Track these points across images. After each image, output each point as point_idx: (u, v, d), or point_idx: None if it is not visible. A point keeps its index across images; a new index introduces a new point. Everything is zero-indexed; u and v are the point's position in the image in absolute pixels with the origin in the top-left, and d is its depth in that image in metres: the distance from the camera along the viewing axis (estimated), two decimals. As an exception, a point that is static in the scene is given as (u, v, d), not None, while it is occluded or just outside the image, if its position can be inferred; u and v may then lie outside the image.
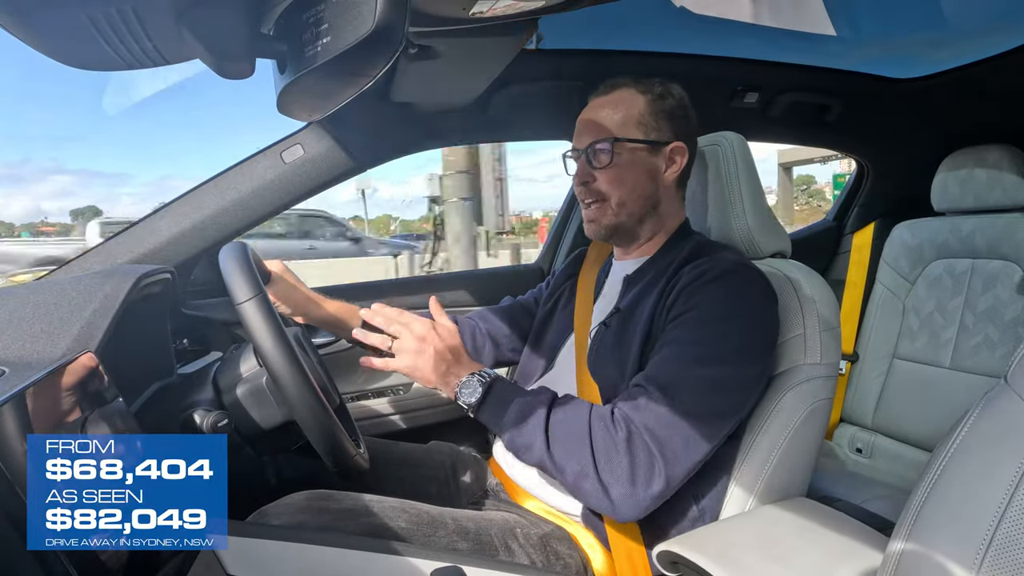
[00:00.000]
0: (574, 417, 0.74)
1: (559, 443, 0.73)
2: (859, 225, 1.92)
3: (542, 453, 0.73)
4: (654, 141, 0.89)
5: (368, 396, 1.45)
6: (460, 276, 1.66)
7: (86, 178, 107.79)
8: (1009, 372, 0.59)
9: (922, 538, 0.59)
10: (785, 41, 1.35)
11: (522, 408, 0.76)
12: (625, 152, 0.88)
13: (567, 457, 0.72)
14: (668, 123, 0.89)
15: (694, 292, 0.78)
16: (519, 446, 0.76)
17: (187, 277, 1.24)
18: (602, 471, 0.70)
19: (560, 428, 0.74)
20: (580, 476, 0.71)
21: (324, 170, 1.22)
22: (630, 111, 0.89)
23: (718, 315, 0.77)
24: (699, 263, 0.82)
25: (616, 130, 0.88)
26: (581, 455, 0.71)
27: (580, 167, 0.91)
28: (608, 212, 0.90)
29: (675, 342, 0.76)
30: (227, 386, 0.83)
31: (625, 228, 0.91)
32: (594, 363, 0.87)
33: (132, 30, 0.56)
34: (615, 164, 0.88)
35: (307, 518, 0.73)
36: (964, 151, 1.52)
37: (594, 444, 0.71)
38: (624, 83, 0.91)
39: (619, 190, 0.89)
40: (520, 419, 0.75)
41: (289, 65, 0.63)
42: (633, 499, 0.69)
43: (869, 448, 1.62)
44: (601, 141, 0.88)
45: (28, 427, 0.52)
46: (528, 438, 0.74)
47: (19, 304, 0.67)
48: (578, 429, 0.73)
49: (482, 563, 0.73)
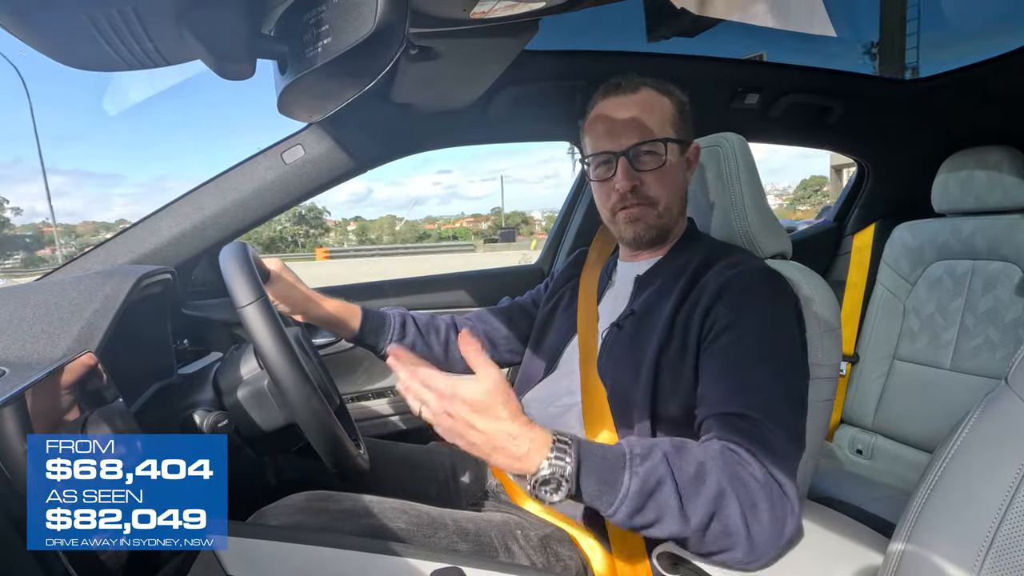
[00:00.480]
0: (700, 468, 0.63)
1: (691, 503, 0.61)
2: (860, 226, 1.92)
3: (677, 524, 0.61)
4: (684, 142, 0.89)
5: (368, 397, 1.45)
6: (459, 276, 1.66)
7: (79, 178, 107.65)
8: (1010, 373, 0.59)
9: (923, 539, 0.59)
10: (786, 42, 1.35)
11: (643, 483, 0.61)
12: (670, 154, 0.87)
13: (703, 515, 0.61)
14: (686, 124, 0.90)
15: (736, 303, 0.76)
16: (639, 524, 0.62)
17: (188, 277, 1.24)
18: (751, 524, 0.62)
19: (690, 487, 0.62)
20: (722, 534, 0.62)
21: (325, 171, 1.23)
22: (663, 112, 0.87)
23: (770, 327, 0.75)
24: (724, 267, 0.81)
25: (658, 131, 0.86)
26: (727, 511, 0.61)
27: (623, 171, 0.86)
28: (653, 215, 0.88)
29: (741, 359, 0.73)
30: (228, 388, 0.83)
31: (665, 231, 0.91)
32: (605, 365, 0.86)
33: (133, 30, 0.56)
34: (666, 166, 0.86)
35: (307, 519, 0.73)
36: (964, 152, 1.52)
37: (740, 500, 0.62)
38: (645, 83, 0.89)
39: (669, 193, 0.88)
40: (640, 498, 0.60)
41: (290, 66, 0.63)
42: (774, 544, 0.64)
43: (869, 449, 1.62)
44: (650, 142, 0.85)
45: (28, 427, 0.52)
46: (658, 511, 0.61)
47: (20, 304, 0.67)
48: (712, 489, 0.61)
49: (482, 564, 0.73)
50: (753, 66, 1.46)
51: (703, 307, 0.78)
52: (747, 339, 0.74)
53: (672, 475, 0.62)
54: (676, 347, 0.79)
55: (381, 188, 67.90)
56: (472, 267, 1.79)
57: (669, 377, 0.78)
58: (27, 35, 0.54)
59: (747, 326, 0.74)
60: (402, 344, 1.06)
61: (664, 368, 0.79)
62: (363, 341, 1.05)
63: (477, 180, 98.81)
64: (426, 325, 1.10)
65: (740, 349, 0.73)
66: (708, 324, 0.77)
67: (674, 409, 0.77)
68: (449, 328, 1.12)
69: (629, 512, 0.60)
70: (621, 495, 0.60)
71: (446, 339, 1.11)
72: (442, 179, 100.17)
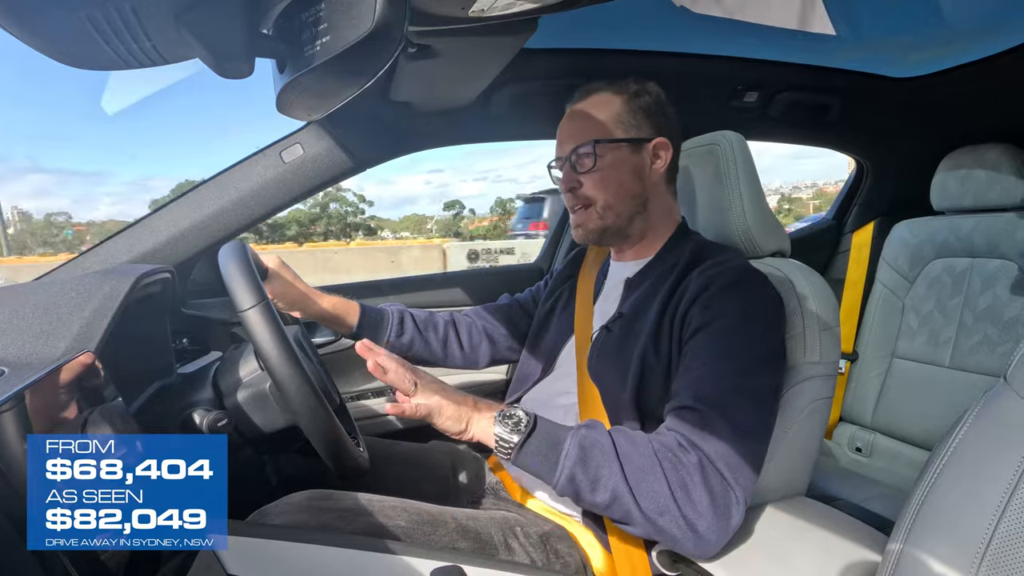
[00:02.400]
0: (638, 449, 0.69)
1: (631, 478, 0.67)
2: (859, 224, 1.92)
3: (615, 491, 0.67)
4: (635, 139, 0.88)
5: (368, 396, 1.46)
6: (458, 275, 1.66)
7: (64, 177, 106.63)
8: (1008, 371, 0.59)
9: (921, 537, 0.59)
10: (785, 40, 1.35)
11: (581, 443, 0.70)
12: (608, 153, 0.88)
13: (641, 493, 0.67)
14: (647, 120, 0.89)
15: (710, 302, 0.77)
16: (581, 483, 0.68)
17: (187, 276, 1.24)
18: (683, 506, 0.66)
19: (628, 463, 0.68)
20: (657, 512, 0.66)
21: (323, 169, 1.22)
22: (608, 112, 0.89)
23: (739, 324, 0.76)
24: (705, 267, 0.82)
25: (596, 132, 0.88)
26: (656, 490, 0.66)
27: (565, 174, 0.91)
28: (593, 216, 0.90)
29: (706, 355, 0.74)
30: (228, 389, 0.83)
31: (613, 230, 0.91)
32: (595, 367, 0.87)
33: (131, 29, 0.56)
34: (599, 167, 0.88)
35: (307, 517, 0.74)
36: (963, 150, 1.52)
37: (668, 477, 0.66)
38: (598, 87, 0.91)
39: (605, 192, 0.89)
40: (582, 455, 0.69)
41: (288, 64, 0.63)
42: (718, 531, 0.66)
43: (869, 447, 1.63)
44: (583, 145, 0.88)
45: (28, 427, 0.52)
46: (592, 475, 0.68)
47: (19, 304, 0.66)
48: (646, 462, 0.68)
49: (482, 562, 0.73)
50: (752, 64, 1.46)
51: (683, 310, 0.79)
52: (714, 336, 0.75)
53: (613, 443, 0.69)
54: (661, 350, 0.80)
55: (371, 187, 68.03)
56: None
57: (655, 380, 0.79)
58: (25, 34, 0.53)
59: (717, 325, 0.76)
60: (400, 340, 1.06)
61: (649, 371, 0.79)
62: (361, 337, 1.05)
63: (469, 179, 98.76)
64: (424, 322, 1.10)
65: (706, 346, 0.75)
66: (685, 326, 0.78)
67: (661, 411, 0.77)
68: (448, 325, 1.12)
69: (572, 465, 0.68)
70: (564, 450, 0.69)
71: (445, 336, 1.11)
72: (433, 178, 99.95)
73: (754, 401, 0.72)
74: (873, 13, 1.26)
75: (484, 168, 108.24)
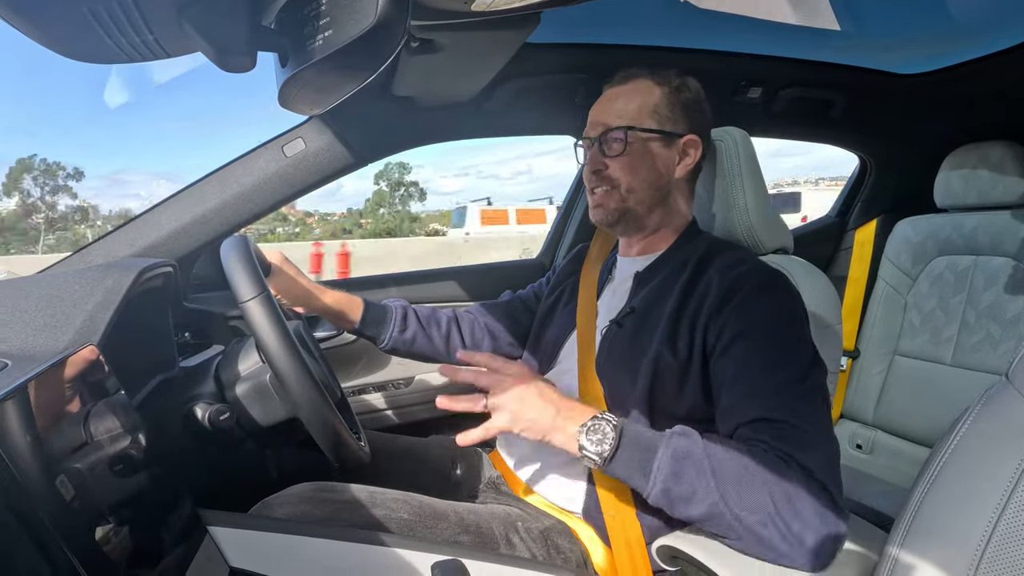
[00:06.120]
0: (735, 461, 0.65)
1: (732, 488, 0.64)
2: (862, 221, 1.92)
3: (713, 503, 0.64)
4: (669, 132, 0.88)
5: (369, 390, 1.46)
6: (460, 271, 1.66)
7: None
8: (1010, 369, 0.59)
9: (921, 534, 0.59)
10: (789, 36, 1.35)
11: (675, 452, 0.66)
12: (638, 141, 0.87)
13: (743, 505, 0.63)
14: (684, 116, 0.89)
15: (744, 306, 0.75)
16: (676, 497, 0.65)
17: (189, 270, 1.24)
18: (788, 518, 0.62)
19: (726, 471, 0.64)
20: (760, 524, 0.63)
21: (326, 164, 1.22)
22: (646, 101, 0.87)
23: (783, 329, 0.74)
24: (726, 267, 0.80)
25: (631, 119, 0.87)
26: (759, 500, 0.63)
27: (592, 155, 0.90)
28: (616, 196, 0.88)
29: (759, 364, 0.71)
30: (229, 382, 0.84)
31: (633, 215, 0.89)
32: (603, 366, 0.85)
33: (133, 22, 0.56)
34: (628, 153, 0.86)
35: (309, 509, 0.74)
36: (967, 147, 1.51)
37: (771, 489, 0.63)
38: (640, 73, 0.90)
39: (629, 177, 0.87)
40: (675, 464, 0.66)
41: (291, 59, 0.63)
42: (829, 544, 0.63)
43: (869, 444, 1.63)
44: (615, 130, 0.87)
45: (31, 419, 0.52)
46: (689, 486, 0.65)
47: (22, 297, 0.67)
48: (744, 474, 0.64)
49: (483, 556, 0.73)
50: (756, 60, 1.45)
51: (708, 311, 0.77)
52: (760, 344, 0.73)
53: (705, 450, 0.66)
54: (680, 351, 0.78)
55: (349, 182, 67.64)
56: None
57: (669, 377, 0.78)
58: (27, 27, 0.53)
59: (759, 331, 0.74)
60: (403, 336, 1.06)
61: (663, 372, 0.78)
62: (364, 333, 1.05)
63: (449, 175, 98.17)
64: (427, 318, 1.10)
65: (755, 354, 0.73)
66: (716, 331, 0.76)
67: (673, 414, 0.77)
68: (451, 321, 1.12)
69: (665, 478, 0.65)
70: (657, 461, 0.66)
71: (447, 332, 1.11)
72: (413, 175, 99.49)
73: (819, 405, 0.71)
74: (877, 9, 1.25)
75: (464, 164, 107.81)
